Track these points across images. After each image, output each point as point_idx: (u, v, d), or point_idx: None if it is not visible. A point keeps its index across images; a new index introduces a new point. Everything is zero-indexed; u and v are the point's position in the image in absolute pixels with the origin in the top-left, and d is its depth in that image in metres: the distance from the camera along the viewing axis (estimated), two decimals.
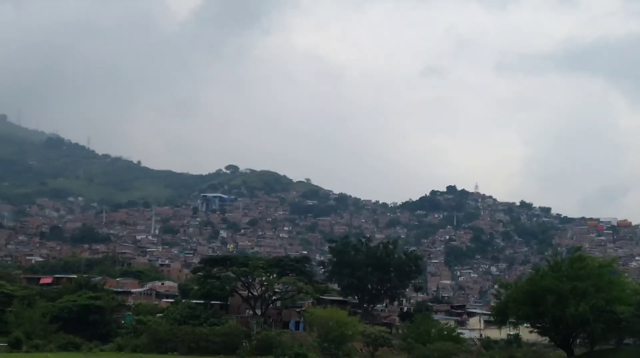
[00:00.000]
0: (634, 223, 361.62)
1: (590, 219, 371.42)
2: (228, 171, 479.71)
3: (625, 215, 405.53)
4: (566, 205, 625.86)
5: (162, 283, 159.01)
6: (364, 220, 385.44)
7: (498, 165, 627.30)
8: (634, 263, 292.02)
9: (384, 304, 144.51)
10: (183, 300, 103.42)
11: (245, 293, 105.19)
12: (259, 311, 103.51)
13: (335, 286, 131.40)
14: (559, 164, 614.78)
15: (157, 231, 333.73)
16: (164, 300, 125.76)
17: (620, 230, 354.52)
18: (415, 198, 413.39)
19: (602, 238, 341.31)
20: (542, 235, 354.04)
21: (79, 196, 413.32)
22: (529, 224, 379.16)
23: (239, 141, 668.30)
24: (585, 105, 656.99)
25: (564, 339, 76.90)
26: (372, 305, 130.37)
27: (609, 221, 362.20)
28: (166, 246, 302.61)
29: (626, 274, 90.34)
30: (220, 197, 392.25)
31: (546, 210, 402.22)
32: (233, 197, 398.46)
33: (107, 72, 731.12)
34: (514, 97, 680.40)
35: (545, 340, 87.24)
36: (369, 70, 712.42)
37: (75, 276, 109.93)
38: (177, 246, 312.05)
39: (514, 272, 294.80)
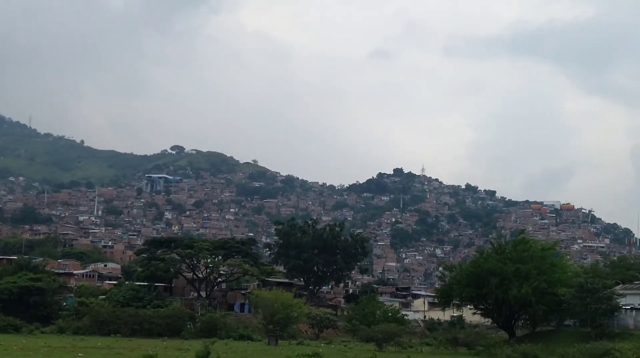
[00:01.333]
0: (576, 207, 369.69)
1: (534, 202, 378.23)
2: (173, 152, 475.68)
3: (568, 199, 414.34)
4: (511, 188, 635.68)
5: (105, 265, 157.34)
6: (310, 202, 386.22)
7: (445, 148, 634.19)
8: (575, 246, 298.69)
9: (330, 286, 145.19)
10: (126, 282, 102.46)
11: (190, 275, 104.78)
12: (203, 294, 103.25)
13: (281, 268, 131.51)
14: (505, 148, 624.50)
15: (100, 212, 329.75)
16: (107, 282, 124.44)
17: (563, 214, 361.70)
18: (362, 180, 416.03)
19: (546, 221, 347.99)
20: (486, 218, 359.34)
21: (20, 176, 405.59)
22: (474, 207, 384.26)
23: (186, 121, 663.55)
24: (532, 89, 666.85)
25: (506, 321, 78.38)
26: (317, 287, 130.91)
27: (553, 205, 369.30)
28: (109, 228, 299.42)
29: (568, 257, 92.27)
30: (165, 178, 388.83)
31: (491, 193, 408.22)
32: (178, 178, 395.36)
33: (49, 49, 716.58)
34: (462, 81, 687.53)
35: (488, 321, 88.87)
36: (319, 51, 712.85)
37: (15, 257, 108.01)
38: (121, 227, 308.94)
39: (459, 254, 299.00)
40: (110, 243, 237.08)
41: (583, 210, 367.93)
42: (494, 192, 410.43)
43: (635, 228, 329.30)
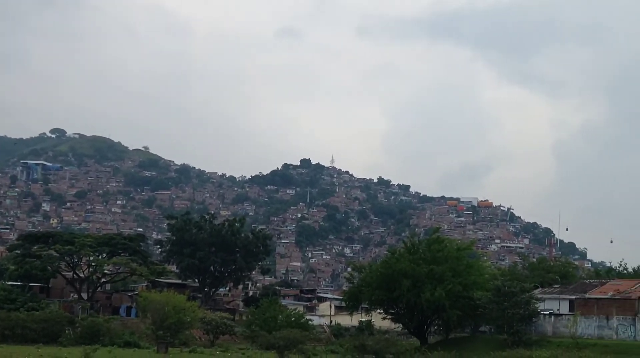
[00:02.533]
0: (495, 204, 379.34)
1: (451, 198, 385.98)
2: (53, 136, 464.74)
3: (486, 195, 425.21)
4: (426, 183, 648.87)
5: None
6: (208, 195, 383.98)
7: (356, 138, 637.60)
8: (493, 246, 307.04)
9: (228, 288, 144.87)
10: None
11: (69, 274, 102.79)
12: (85, 295, 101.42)
13: (174, 267, 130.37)
14: (421, 139, 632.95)
15: None
16: None
17: (480, 211, 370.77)
18: (266, 171, 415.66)
19: (462, 219, 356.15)
20: (399, 215, 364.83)
21: None
22: (386, 202, 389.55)
23: (68, 101, 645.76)
24: (451, 76, 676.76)
25: (418, 326, 79.88)
26: (214, 289, 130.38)
27: (470, 201, 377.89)
28: None
29: (485, 258, 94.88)
30: (43, 165, 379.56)
31: (405, 188, 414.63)
32: (58, 165, 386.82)
33: None
34: (377, 65, 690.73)
35: (399, 327, 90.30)
36: (220, 28, 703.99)
37: None
38: None
39: (369, 254, 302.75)
40: None
41: (502, 208, 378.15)
42: (408, 187, 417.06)
43: (556, 228, 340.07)
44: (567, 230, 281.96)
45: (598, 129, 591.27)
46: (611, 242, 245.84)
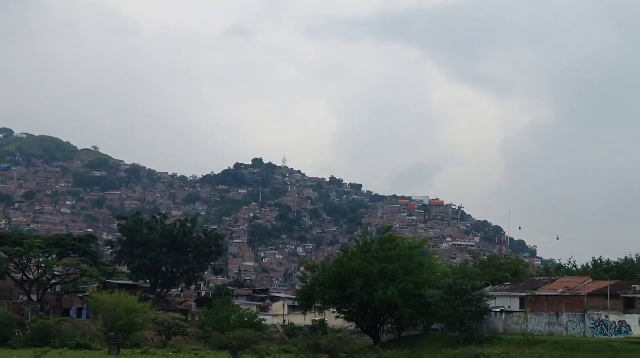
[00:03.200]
0: (445, 202, 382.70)
1: (402, 197, 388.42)
2: (0, 135, 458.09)
3: (437, 194, 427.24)
4: (377, 182, 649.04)
5: None
6: (159, 195, 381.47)
7: (308, 137, 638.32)
8: (444, 244, 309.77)
9: (180, 288, 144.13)
10: None
11: (18, 276, 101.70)
12: (34, 297, 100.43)
13: (125, 268, 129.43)
14: (372, 138, 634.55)
15: None
16: None
17: (431, 209, 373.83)
18: (217, 171, 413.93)
19: (413, 217, 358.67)
20: (352, 213, 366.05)
21: None
22: (338, 201, 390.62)
23: (14, 100, 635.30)
24: (400, 75, 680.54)
25: (371, 325, 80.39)
26: (166, 290, 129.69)
27: (421, 200, 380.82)
28: None
29: (436, 256, 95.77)
30: None
31: (357, 187, 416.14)
32: (6, 165, 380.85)
33: None
34: (326, 65, 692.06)
35: (351, 325, 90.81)
36: (167, 26, 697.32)
37: None
38: None
39: (322, 253, 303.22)
40: None
41: (452, 206, 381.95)
42: (360, 186, 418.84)
43: (506, 226, 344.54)
44: (519, 228, 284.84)
45: (545, 127, 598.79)
46: (557, 238, 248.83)
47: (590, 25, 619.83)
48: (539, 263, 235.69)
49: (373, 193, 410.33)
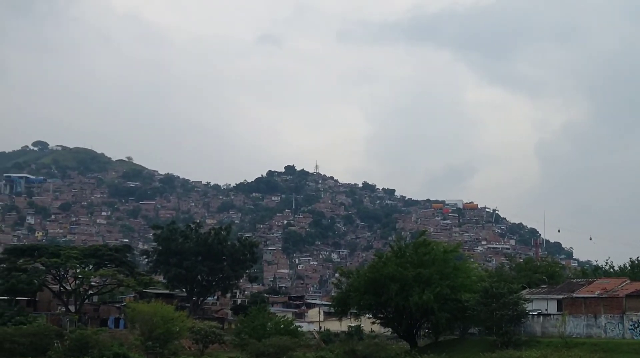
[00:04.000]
0: (480, 206, 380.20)
1: (436, 201, 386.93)
2: (36, 148, 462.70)
3: (471, 197, 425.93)
4: (411, 187, 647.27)
5: None
6: (193, 204, 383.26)
7: (340, 143, 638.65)
8: (479, 248, 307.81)
9: (216, 297, 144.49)
10: None
11: (56, 287, 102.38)
12: (72, 308, 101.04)
13: (161, 278, 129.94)
14: (404, 143, 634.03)
15: None
16: None
17: (466, 213, 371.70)
18: (250, 179, 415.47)
19: (448, 221, 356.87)
20: (385, 219, 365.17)
21: None
22: (372, 207, 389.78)
23: (50, 113, 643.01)
24: (432, 79, 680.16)
25: (407, 330, 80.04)
26: (202, 298, 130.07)
27: (455, 204, 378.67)
28: None
29: (472, 259, 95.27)
30: (26, 178, 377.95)
31: (390, 192, 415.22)
32: (42, 178, 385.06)
33: None
34: (357, 70, 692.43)
35: (388, 331, 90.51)
36: (198, 36, 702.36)
37: None
38: None
39: (356, 259, 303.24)
40: None
41: (487, 209, 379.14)
42: (393, 191, 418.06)
43: (541, 228, 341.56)
44: (559, 231, 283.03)
45: (580, 128, 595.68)
46: (590, 239, 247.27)
47: (622, 23, 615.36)
48: (576, 265, 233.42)
49: (406, 198, 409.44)
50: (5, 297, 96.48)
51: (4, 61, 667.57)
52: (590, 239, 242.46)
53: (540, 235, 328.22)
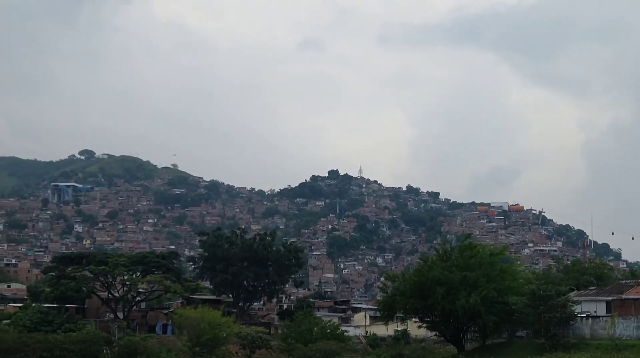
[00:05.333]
0: (526, 208, 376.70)
1: (481, 204, 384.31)
2: (82, 157, 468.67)
3: (517, 199, 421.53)
4: (455, 189, 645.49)
5: (9, 286, 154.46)
6: (238, 210, 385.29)
7: (383, 147, 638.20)
8: (526, 251, 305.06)
9: (262, 302, 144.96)
10: (33, 304, 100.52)
11: (104, 294, 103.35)
12: (120, 315, 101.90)
13: (207, 284, 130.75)
14: (448, 145, 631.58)
15: (1, 227, 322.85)
16: (11, 304, 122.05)
17: (511, 215, 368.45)
18: (294, 184, 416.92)
19: (493, 224, 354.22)
20: (430, 222, 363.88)
21: None
22: (416, 210, 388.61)
23: (94, 122, 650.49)
24: (475, 80, 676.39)
25: (454, 333, 79.46)
26: (248, 304, 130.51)
27: (500, 206, 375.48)
28: (12, 244, 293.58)
29: (518, 262, 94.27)
30: (73, 186, 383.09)
31: (434, 195, 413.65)
32: (89, 186, 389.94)
33: None
34: (400, 73, 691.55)
35: (434, 335, 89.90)
36: (240, 42, 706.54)
37: None
38: (25, 243, 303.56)
39: (401, 263, 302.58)
40: (13, 261, 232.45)
41: (533, 211, 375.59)
42: (438, 194, 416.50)
43: (588, 229, 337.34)
44: (612, 234, 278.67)
45: (626, 128, 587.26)
46: (632, 239, 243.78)
47: None
48: (625, 266, 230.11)
49: (451, 201, 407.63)
50: (55, 305, 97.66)
51: (49, 71, 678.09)
52: (633, 238, 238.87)
53: (587, 236, 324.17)
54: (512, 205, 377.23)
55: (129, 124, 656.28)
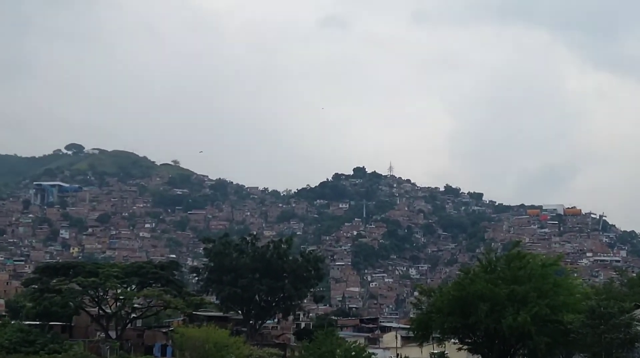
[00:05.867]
0: (584, 211, 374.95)
1: (531, 207, 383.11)
2: (70, 152, 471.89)
3: (574, 201, 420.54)
4: (502, 190, 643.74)
5: None
6: (249, 213, 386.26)
7: (418, 141, 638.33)
8: (584, 261, 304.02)
9: (276, 320, 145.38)
10: (12, 322, 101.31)
11: (95, 310, 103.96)
12: (113, 334, 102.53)
13: (213, 298, 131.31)
14: (493, 139, 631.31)
15: None
16: None
17: (567, 220, 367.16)
18: (314, 183, 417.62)
19: (546, 230, 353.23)
20: (472, 228, 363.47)
21: None
22: (456, 214, 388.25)
23: (85, 112, 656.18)
24: (525, 64, 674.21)
25: (500, 357, 79.35)
26: (260, 322, 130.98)
27: (554, 209, 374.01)
28: None
29: (575, 274, 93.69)
30: (59, 186, 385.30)
31: (477, 197, 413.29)
32: (77, 186, 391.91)
33: None
34: (437, 56, 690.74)
35: None
36: (253, 20, 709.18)
37: None
38: (4, 251, 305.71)
39: (438, 275, 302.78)
40: None
41: (592, 215, 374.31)
42: (481, 195, 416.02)
43: None
44: None
45: None
46: None
47: None
48: None
49: (497, 203, 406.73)
50: (38, 322, 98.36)
51: (35, 55, 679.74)
52: None
53: None
54: (568, 208, 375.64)
55: (124, 115, 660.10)
